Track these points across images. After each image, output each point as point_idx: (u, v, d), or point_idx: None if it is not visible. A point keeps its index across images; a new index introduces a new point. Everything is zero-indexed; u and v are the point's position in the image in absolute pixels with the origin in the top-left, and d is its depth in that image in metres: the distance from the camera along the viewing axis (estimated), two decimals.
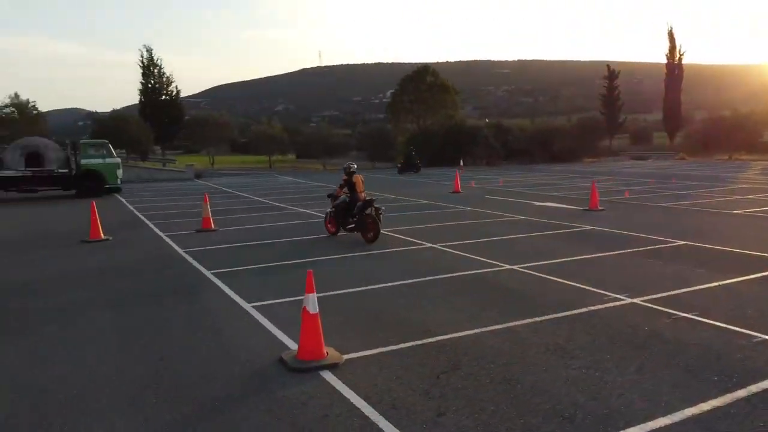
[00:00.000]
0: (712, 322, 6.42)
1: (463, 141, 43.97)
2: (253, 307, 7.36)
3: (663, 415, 4.31)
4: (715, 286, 7.98)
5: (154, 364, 5.59)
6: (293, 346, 5.80)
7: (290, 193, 24.34)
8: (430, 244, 11.52)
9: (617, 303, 7.24)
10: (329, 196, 13.01)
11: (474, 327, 6.41)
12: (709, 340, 5.90)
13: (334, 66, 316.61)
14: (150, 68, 39.96)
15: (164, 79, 40.50)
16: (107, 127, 33.27)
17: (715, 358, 5.42)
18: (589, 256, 10.24)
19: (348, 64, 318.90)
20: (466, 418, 4.33)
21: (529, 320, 6.62)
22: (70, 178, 23.15)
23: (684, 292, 7.69)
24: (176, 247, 11.84)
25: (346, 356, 5.57)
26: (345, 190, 12.28)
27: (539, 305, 7.22)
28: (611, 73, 55.37)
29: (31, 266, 10.55)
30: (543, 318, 6.69)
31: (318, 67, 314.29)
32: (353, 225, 12.02)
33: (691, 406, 4.45)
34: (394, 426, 4.22)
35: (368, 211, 11.78)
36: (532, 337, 6.09)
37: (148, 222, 15.87)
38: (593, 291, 7.80)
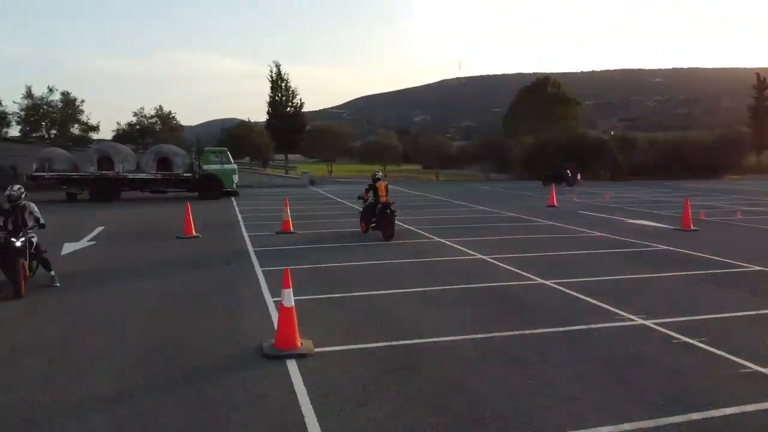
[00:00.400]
0: (712, 349, 6.06)
1: (585, 154, 42.22)
2: (274, 301, 8.11)
3: (574, 429, 4.33)
4: (749, 315, 7.38)
5: (167, 337, 6.53)
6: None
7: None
8: (479, 255, 11.62)
9: (625, 323, 7.02)
10: (359, 197, 14.68)
11: (457, 335, 6.61)
12: (691, 366, 5.63)
13: (473, 77, 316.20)
14: (278, 82, 43.32)
15: (290, 93, 43.72)
16: (234, 135, 36.65)
17: (679, 383, 5.20)
18: (639, 276, 9.79)
19: (487, 75, 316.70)
20: (381, 410, 4.66)
21: (517, 332, 6.68)
22: (193, 181, 25.88)
23: (709, 318, 7.24)
24: (249, 246, 13.04)
25: (318, 349, 6.09)
26: (371, 194, 14.03)
27: (539, 319, 7.22)
28: (761, 82, 50.14)
29: (129, 254, 12.24)
30: (533, 331, 6.72)
31: (457, 78, 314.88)
32: (374, 224, 13.77)
33: (611, 424, 4.40)
34: (313, 409, 4.68)
35: (387, 212, 13.44)
36: (506, 348, 6.19)
37: (242, 223, 17.43)
38: (609, 310, 7.59)
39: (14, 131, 32.40)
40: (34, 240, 8.88)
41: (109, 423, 4.50)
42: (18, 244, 8.38)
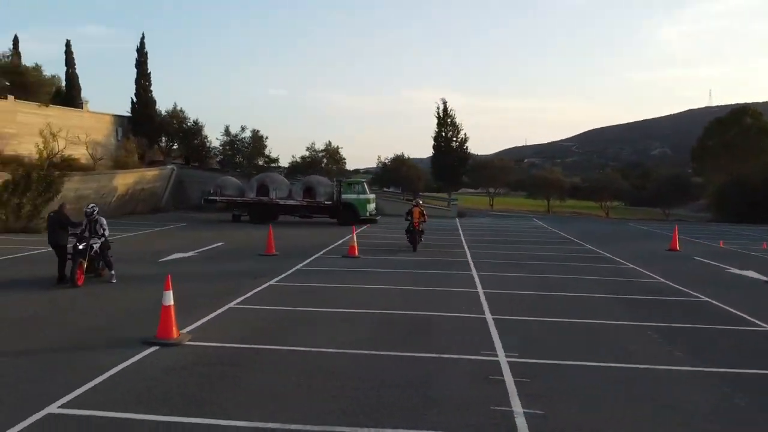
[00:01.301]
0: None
1: None
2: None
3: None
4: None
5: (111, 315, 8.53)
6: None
7: (506, 238, 25.01)
8: (483, 290, 11.78)
9: (501, 359, 7.11)
10: (406, 219, 19.14)
11: (343, 348, 7.43)
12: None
13: (725, 105, 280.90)
14: (444, 118, 45.18)
15: (456, 128, 45.19)
16: (389, 170, 39.46)
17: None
18: (614, 322, 9.26)
19: (742, 103, 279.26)
20: (181, 396, 5.77)
21: (391, 353, 7.27)
22: (333, 209, 28.80)
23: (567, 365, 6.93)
24: (306, 265, 14.79)
25: (191, 342, 7.51)
26: (409, 216, 18.74)
27: (433, 345, 7.63)
28: None
29: (208, 264, 14.87)
30: (407, 354, 7.23)
31: (707, 107, 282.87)
32: (408, 239, 18.82)
33: None
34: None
35: (414, 231, 18.56)
36: (365, 363, 6.89)
37: (329, 246, 19.24)
38: (507, 355, 7.64)
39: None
40: (95, 245, 11.76)
41: None
42: (80, 247, 11.29)
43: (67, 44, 35.47)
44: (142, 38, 36.91)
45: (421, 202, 21.64)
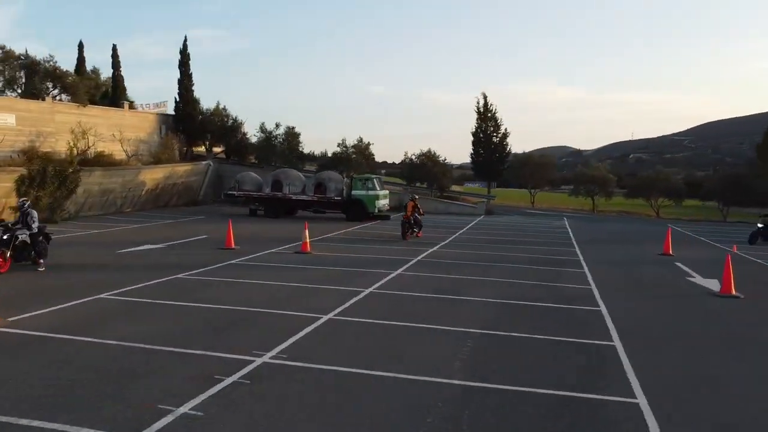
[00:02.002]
0: None
1: None
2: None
3: None
4: None
5: None
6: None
7: (504, 237, 24.29)
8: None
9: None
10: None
11: (131, 341, 7.83)
12: None
13: None
14: (485, 113, 44.09)
15: (496, 123, 43.97)
16: (415, 166, 39.07)
17: None
18: (453, 328, 8.97)
19: None
20: None
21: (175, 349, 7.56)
22: (342, 204, 29.15)
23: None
24: (247, 260, 15.27)
25: (12, 329, 8.13)
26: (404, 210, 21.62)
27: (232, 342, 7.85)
28: None
29: (160, 257, 15.72)
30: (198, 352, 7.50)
31: None
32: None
33: None
34: None
35: (405, 223, 21.08)
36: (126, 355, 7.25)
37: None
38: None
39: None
40: (21, 236, 12.78)
41: None
42: (4, 237, 12.36)
43: (114, 49, 38.19)
44: (185, 41, 38.89)
45: (417, 197, 23.16)
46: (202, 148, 41.79)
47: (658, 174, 41.59)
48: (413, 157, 39.18)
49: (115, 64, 37.91)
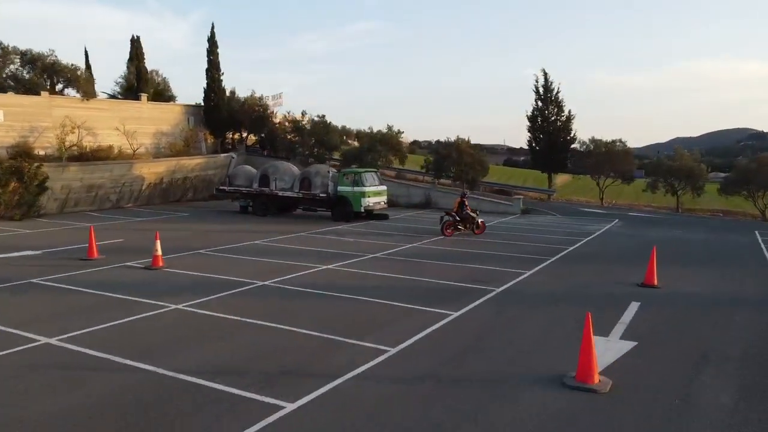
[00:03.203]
0: None
1: None
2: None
3: None
4: None
5: None
6: None
7: (496, 251, 19.59)
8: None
9: None
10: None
11: None
12: None
13: None
14: (546, 94, 37.76)
15: (559, 105, 37.45)
16: (440, 154, 34.03)
17: None
18: None
19: None
20: None
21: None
22: (327, 202, 25.85)
23: None
24: (47, 278, 12.83)
25: None
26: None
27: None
28: None
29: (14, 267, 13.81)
30: None
31: None
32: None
33: None
34: None
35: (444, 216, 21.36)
36: None
37: (201, 249, 16.84)
38: None
39: None
40: None
41: None
42: None
43: (135, 41, 37.83)
44: (212, 29, 37.65)
45: (467, 193, 23.99)
46: (236, 138, 40.68)
47: (761, 161, 32.88)
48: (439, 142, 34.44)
49: (138, 55, 37.58)
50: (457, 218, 21.02)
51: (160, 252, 14.30)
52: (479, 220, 21.50)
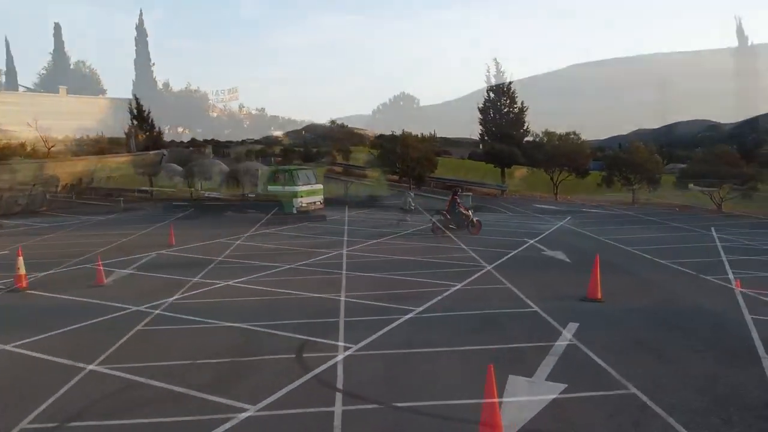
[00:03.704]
0: None
1: None
2: None
3: None
4: None
5: None
6: None
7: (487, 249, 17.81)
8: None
9: None
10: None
11: None
12: None
13: None
14: (500, 87, 36.19)
15: (511, 97, 35.90)
16: (385, 149, 32.15)
17: None
18: None
19: None
20: None
21: None
22: (255, 203, 23.75)
23: None
24: None
25: None
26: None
27: None
28: None
29: None
30: None
31: None
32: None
33: None
34: None
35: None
36: None
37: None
38: None
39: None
40: None
41: None
42: None
43: (55, 28, 34.88)
44: (140, 16, 35.39)
45: (459, 191, 22.46)
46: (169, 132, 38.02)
47: (718, 152, 31.91)
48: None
49: (59, 45, 34.57)
50: (449, 218, 19.67)
51: (23, 270, 12.03)
52: (474, 219, 19.92)
